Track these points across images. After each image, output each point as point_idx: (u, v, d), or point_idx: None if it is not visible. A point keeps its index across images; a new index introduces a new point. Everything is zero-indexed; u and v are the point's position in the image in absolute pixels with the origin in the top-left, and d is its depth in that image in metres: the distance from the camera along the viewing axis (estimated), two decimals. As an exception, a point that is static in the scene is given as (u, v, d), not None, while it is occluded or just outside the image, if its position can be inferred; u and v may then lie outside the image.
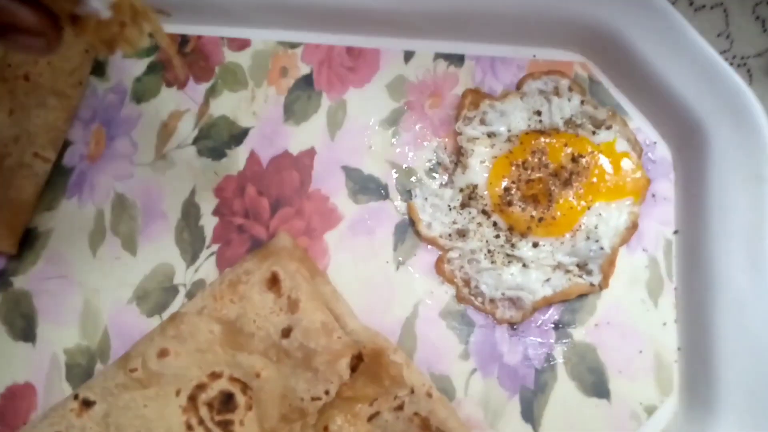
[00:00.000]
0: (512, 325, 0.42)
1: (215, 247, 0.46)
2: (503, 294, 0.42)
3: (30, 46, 0.30)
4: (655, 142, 0.45)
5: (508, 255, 0.43)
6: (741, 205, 0.41)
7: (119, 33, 0.30)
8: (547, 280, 0.42)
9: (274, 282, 0.41)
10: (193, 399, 0.40)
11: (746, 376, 0.39)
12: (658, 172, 0.45)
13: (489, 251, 0.43)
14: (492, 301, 0.43)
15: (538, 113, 0.45)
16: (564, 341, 0.42)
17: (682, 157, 0.45)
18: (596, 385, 0.42)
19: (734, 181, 0.42)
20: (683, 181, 0.45)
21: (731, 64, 0.47)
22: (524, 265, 0.42)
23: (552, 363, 0.42)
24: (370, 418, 0.40)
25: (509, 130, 0.44)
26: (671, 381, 0.42)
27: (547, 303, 0.42)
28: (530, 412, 0.42)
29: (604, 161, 0.43)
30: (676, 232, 0.44)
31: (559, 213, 0.42)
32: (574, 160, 0.42)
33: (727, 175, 0.42)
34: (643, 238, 0.44)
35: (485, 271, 0.43)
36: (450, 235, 0.44)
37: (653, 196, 0.44)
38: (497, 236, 0.43)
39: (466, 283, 0.43)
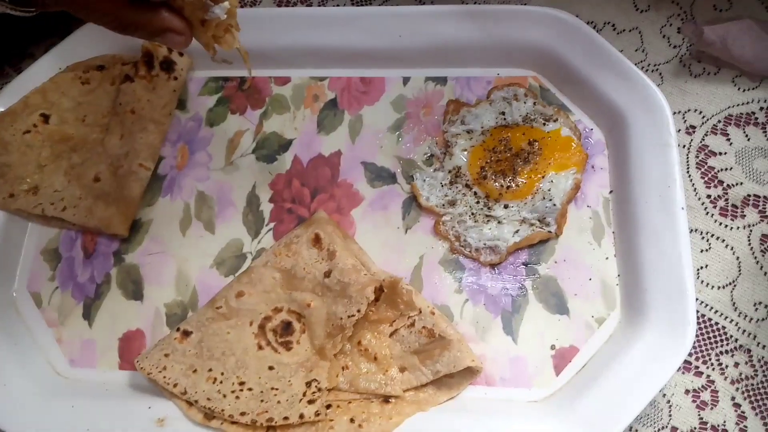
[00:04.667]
0: (493, 266, 0.54)
1: (272, 225, 0.57)
2: (485, 244, 0.54)
3: (176, 42, 0.43)
4: (591, 129, 0.57)
5: (486, 215, 0.55)
6: (654, 166, 0.52)
7: (223, 35, 0.44)
8: (516, 231, 0.54)
9: (317, 240, 0.54)
10: (262, 327, 0.52)
11: (664, 289, 0.49)
12: (595, 150, 0.56)
13: (472, 214, 0.55)
14: (477, 250, 0.54)
15: (503, 113, 0.57)
16: (532, 276, 0.53)
17: (612, 138, 0.56)
18: (558, 305, 0.52)
19: (648, 149, 0.52)
20: (613, 155, 0.56)
21: (647, 70, 0.60)
22: (499, 222, 0.54)
23: (524, 292, 0.53)
24: (391, 335, 0.51)
25: (482, 127, 0.57)
26: (615, 299, 0.52)
27: (516, 248, 0.54)
28: (510, 327, 0.52)
29: (552, 143, 0.55)
30: (611, 192, 0.55)
31: (521, 182, 0.55)
32: (530, 144, 0.55)
33: (643, 147, 0.52)
34: (587, 198, 0.55)
35: (470, 229, 0.54)
36: (443, 204, 0.56)
37: (592, 167, 0.56)
38: (477, 202, 0.55)
39: (457, 238, 0.55)
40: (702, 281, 0.54)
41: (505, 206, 0.55)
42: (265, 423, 0.48)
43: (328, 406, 0.50)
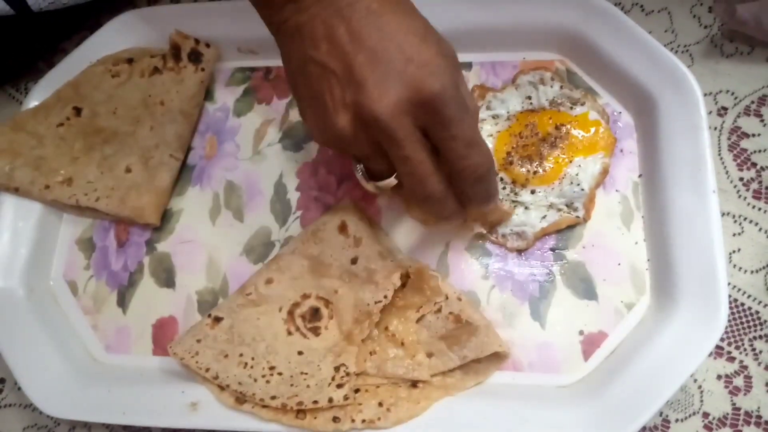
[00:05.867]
0: (520, 252, 0.54)
1: (299, 213, 0.57)
2: (512, 230, 0.54)
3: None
4: (620, 112, 0.56)
5: (513, 201, 0.54)
6: (685, 149, 0.50)
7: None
8: (544, 216, 0.53)
9: (343, 228, 0.54)
10: (291, 313, 0.53)
11: (695, 273, 0.48)
12: (624, 133, 0.56)
13: (500, 200, 0.56)
14: (503, 236, 0.54)
15: (529, 98, 0.57)
16: (560, 261, 0.53)
17: (641, 121, 0.55)
18: (586, 291, 0.52)
19: (679, 132, 0.51)
20: (643, 138, 0.55)
21: (676, 51, 0.58)
22: (526, 208, 0.54)
23: (551, 277, 0.53)
24: (418, 320, 0.51)
25: (508, 112, 0.57)
26: (644, 284, 0.51)
27: (544, 233, 0.53)
28: (537, 313, 0.52)
29: (579, 127, 0.55)
30: (640, 175, 0.54)
31: (548, 167, 0.54)
32: (557, 128, 0.55)
33: (673, 129, 0.51)
34: (616, 182, 0.54)
35: (497, 214, 0.55)
36: (469, 190, 0.57)
37: (621, 150, 0.55)
38: (504, 188, 0.55)
39: None
40: (734, 265, 0.53)
41: (532, 192, 0.54)
42: (295, 407, 0.49)
43: (357, 390, 0.50)
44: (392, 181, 0.44)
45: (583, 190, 0.54)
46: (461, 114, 0.40)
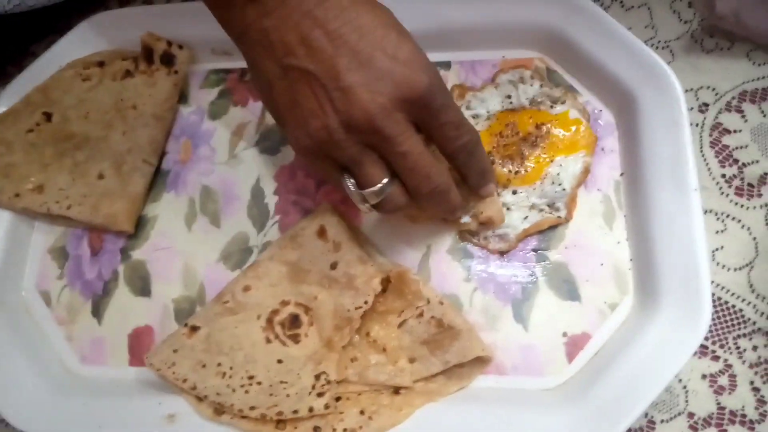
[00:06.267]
0: (502, 254, 0.53)
1: (277, 218, 0.56)
2: (493, 232, 0.53)
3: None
4: (601, 110, 0.56)
5: None
6: (666, 146, 0.50)
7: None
8: (525, 218, 0.53)
9: (322, 232, 0.53)
10: (269, 321, 0.51)
11: (678, 272, 0.47)
12: (605, 132, 0.55)
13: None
14: (485, 237, 0.53)
15: (509, 97, 0.56)
16: (542, 262, 0.52)
17: (622, 119, 0.54)
18: (570, 291, 0.51)
19: (660, 130, 0.50)
20: (624, 136, 0.54)
21: (657, 47, 0.58)
22: (508, 209, 0.53)
23: (534, 279, 0.52)
24: (399, 326, 0.50)
25: (488, 111, 0.56)
26: (627, 284, 0.51)
27: (526, 234, 0.53)
28: (520, 315, 0.51)
29: (560, 126, 0.54)
30: (622, 174, 0.53)
31: (529, 166, 0.53)
32: (538, 127, 0.54)
33: (654, 127, 0.51)
34: (597, 181, 0.54)
35: (478, 217, 0.53)
36: (450, 192, 0.56)
37: (602, 149, 0.54)
38: None
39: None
40: (718, 263, 0.53)
41: (514, 192, 0.54)
42: (275, 417, 0.48)
43: (338, 399, 0.49)
44: (387, 184, 0.43)
45: (564, 189, 0.53)
46: (448, 100, 0.42)
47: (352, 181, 0.44)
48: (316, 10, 0.39)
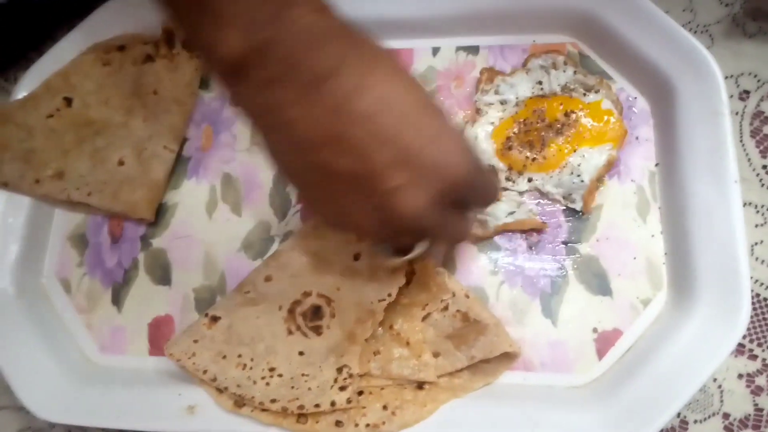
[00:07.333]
0: (530, 246, 0.51)
1: (299, 207, 0.55)
2: (475, 214, 0.51)
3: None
4: (635, 98, 0.53)
5: (503, 189, 0.52)
6: (704, 136, 0.48)
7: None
8: (512, 213, 0.51)
9: None
10: (291, 311, 0.50)
11: (716, 267, 0.46)
12: (639, 120, 0.53)
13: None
14: None
15: (540, 83, 0.54)
16: (572, 255, 0.50)
17: (657, 107, 0.53)
18: (600, 286, 0.49)
19: (698, 118, 0.48)
20: (660, 125, 0.52)
21: (695, 31, 0.55)
22: (498, 198, 0.51)
23: (564, 272, 0.50)
24: (423, 319, 0.49)
25: (517, 98, 0.54)
26: (661, 279, 0.49)
27: (504, 229, 0.51)
28: (549, 310, 0.50)
29: (590, 116, 0.52)
30: (657, 164, 0.52)
31: (549, 153, 0.52)
32: (567, 115, 0.52)
33: (692, 116, 0.49)
34: (631, 172, 0.52)
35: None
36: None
37: (637, 138, 0.52)
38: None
39: None
40: (757, 258, 0.51)
41: (529, 180, 0.52)
42: (296, 410, 0.47)
43: (360, 393, 0.48)
44: (422, 249, 0.44)
45: (583, 181, 0.51)
46: (485, 184, 0.41)
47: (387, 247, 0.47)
48: (329, 86, 0.34)
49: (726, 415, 0.48)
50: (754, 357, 0.49)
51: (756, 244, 0.51)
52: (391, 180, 0.35)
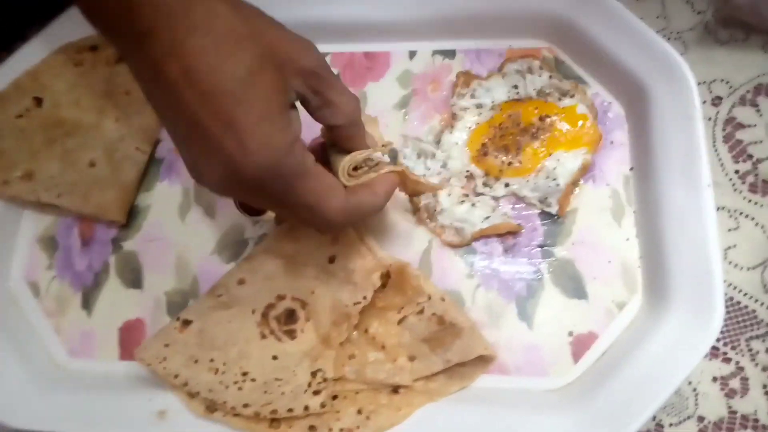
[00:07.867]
0: (506, 250, 0.51)
1: None
2: (451, 223, 0.51)
3: None
4: (610, 102, 0.54)
5: (479, 194, 0.53)
6: (678, 140, 0.48)
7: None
8: (487, 218, 0.51)
9: None
10: (265, 315, 0.50)
11: (690, 271, 0.46)
12: (614, 125, 0.53)
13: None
14: (442, 226, 0.52)
15: (516, 87, 0.54)
16: (548, 258, 0.50)
17: (632, 112, 0.53)
18: (576, 289, 0.49)
19: (671, 123, 0.49)
20: (634, 130, 0.52)
21: (669, 38, 0.56)
22: (473, 204, 0.52)
23: (539, 276, 0.50)
24: (399, 322, 0.49)
25: (493, 101, 0.54)
26: (636, 282, 0.49)
27: (481, 234, 0.51)
28: (525, 313, 0.49)
29: (565, 120, 0.52)
30: (631, 168, 0.52)
31: (525, 158, 0.52)
32: (542, 119, 0.52)
33: (666, 120, 0.49)
34: (606, 176, 0.52)
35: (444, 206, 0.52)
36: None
37: (611, 142, 0.53)
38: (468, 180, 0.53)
39: (427, 210, 0.53)
40: (730, 262, 0.51)
41: (506, 185, 0.52)
42: (269, 415, 0.46)
43: (335, 397, 0.48)
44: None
45: (558, 185, 0.51)
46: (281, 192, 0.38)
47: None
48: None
49: (701, 418, 0.48)
50: (727, 360, 0.49)
51: (729, 248, 0.51)
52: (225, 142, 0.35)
